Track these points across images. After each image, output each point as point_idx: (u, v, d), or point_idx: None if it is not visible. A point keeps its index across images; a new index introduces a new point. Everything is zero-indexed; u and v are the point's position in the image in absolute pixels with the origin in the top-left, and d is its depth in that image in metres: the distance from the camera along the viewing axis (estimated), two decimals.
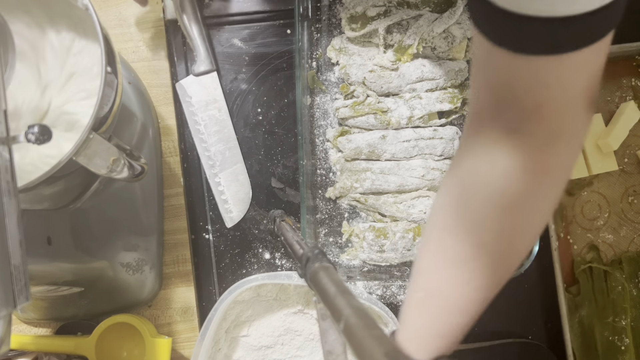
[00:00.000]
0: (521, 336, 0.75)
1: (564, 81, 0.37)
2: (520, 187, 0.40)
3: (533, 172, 0.40)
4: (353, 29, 0.73)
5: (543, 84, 0.37)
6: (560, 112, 0.38)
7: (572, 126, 0.39)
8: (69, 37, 0.59)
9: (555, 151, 0.40)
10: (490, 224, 0.42)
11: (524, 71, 0.37)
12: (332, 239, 0.74)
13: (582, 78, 0.37)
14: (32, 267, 0.54)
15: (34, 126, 0.41)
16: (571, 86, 0.37)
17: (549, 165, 0.40)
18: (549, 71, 0.36)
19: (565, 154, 0.41)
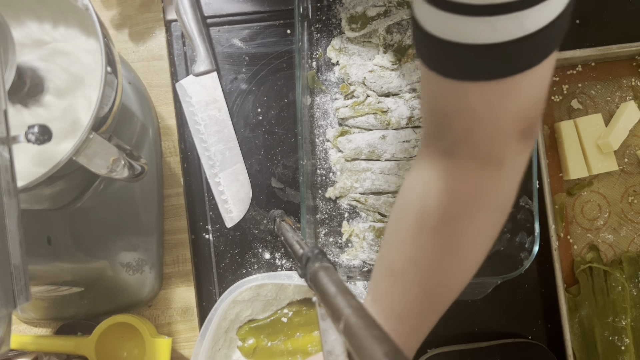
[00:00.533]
0: (521, 336, 0.75)
1: (491, 108, 0.37)
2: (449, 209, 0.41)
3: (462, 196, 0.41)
4: (353, 29, 0.73)
5: (471, 109, 0.38)
6: (489, 139, 0.39)
7: (502, 155, 0.39)
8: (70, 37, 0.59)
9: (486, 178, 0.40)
10: (420, 241, 0.43)
11: (453, 96, 0.38)
12: (332, 239, 0.74)
13: (510, 106, 0.37)
14: (32, 267, 0.54)
15: (34, 126, 0.41)
16: (498, 114, 0.37)
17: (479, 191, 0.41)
18: (475, 97, 0.37)
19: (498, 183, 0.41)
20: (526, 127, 0.38)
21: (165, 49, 0.78)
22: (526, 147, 0.40)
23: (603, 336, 0.72)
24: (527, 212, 0.66)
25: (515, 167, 0.41)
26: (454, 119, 0.39)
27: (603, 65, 0.76)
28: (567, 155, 0.73)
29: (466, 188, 0.41)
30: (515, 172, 0.42)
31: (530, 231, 0.65)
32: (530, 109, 0.38)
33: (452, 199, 0.41)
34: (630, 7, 0.77)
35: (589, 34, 0.77)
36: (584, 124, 0.73)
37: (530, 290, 0.75)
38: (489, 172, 0.40)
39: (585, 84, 0.76)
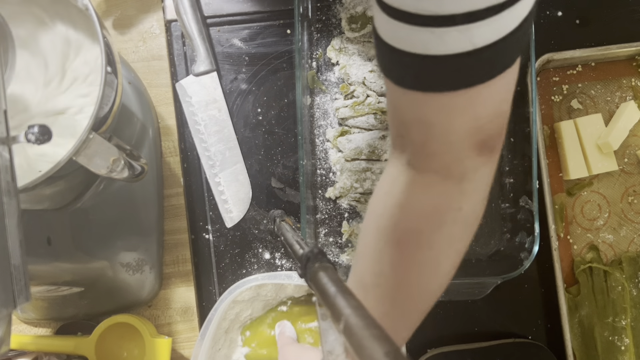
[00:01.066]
0: (521, 336, 0.75)
1: (443, 120, 0.37)
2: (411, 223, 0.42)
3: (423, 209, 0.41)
4: (353, 29, 0.73)
5: (425, 120, 0.38)
6: (445, 152, 0.39)
7: (460, 168, 0.39)
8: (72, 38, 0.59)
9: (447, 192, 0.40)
10: (385, 255, 0.43)
11: (408, 105, 0.38)
12: (332, 239, 0.74)
13: (463, 119, 0.37)
14: (32, 267, 0.54)
15: (34, 126, 0.41)
16: (452, 126, 0.37)
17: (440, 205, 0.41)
18: (428, 108, 0.37)
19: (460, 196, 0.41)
20: (483, 141, 0.38)
21: (165, 49, 0.78)
22: (486, 161, 0.40)
23: (603, 336, 0.72)
24: (527, 212, 0.66)
25: (478, 181, 0.41)
26: (410, 129, 0.39)
27: (603, 65, 0.76)
28: (567, 155, 0.73)
29: (427, 201, 0.41)
30: (479, 186, 0.41)
31: (530, 231, 0.65)
32: (487, 124, 0.38)
33: (413, 212, 0.42)
34: (630, 7, 0.77)
35: (589, 34, 0.77)
36: (584, 124, 0.73)
37: (530, 290, 0.75)
38: (449, 185, 0.40)
39: (585, 84, 0.76)
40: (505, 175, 0.72)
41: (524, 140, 0.67)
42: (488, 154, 0.39)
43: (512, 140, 0.71)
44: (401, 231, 0.42)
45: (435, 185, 0.41)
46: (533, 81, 0.65)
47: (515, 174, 0.70)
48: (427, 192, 0.41)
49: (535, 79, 0.65)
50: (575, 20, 0.77)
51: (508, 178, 0.72)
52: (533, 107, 0.65)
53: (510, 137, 0.71)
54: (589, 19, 0.77)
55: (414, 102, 0.37)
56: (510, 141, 0.71)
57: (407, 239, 0.42)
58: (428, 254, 0.42)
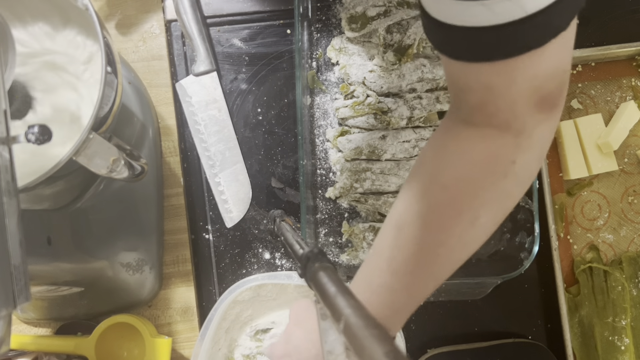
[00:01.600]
0: (521, 336, 0.75)
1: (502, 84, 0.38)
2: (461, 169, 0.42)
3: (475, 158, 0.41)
4: (353, 29, 0.73)
5: (483, 86, 0.38)
6: (505, 110, 0.39)
7: (520, 124, 0.40)
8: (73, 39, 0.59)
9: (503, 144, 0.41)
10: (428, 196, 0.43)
11: (465, 75, 0.39)
12: (332, 239, 0.74)
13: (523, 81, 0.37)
14: (32, 267, 0.54)
15: (34, 126, 0.41)
16: (511, 88, 0.38)
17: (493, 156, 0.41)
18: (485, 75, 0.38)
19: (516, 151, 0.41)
20: (543, 98, 0.39)
21: (165, 49, 0.78)
22: (547, 117, 0.40)
23: (603, 336, 0.72)
24: (527, 212, 0.66)
25: (536, 138, 0.41)
26: (469, 93, 0.40)
27: (603, 65, 0.76)
28: (567, 155, 0.73)
29: (483, 150, 0.41)
30: (536, 143, 0.41)
31: (530, 231, 0.65)
32: (546, 82, 0.38)
33: (467, 159, 0.42)
34: (630, 7, 0.77)
35: (589, 34, 0.77)
36: (584, 124, 0.73)
37: (530, 290, 0.75)
38: (506, 138, 0.40)
39: (585, 84, 0.76)
40: None
41: None
42: (549, 110, 0.40)
43: None
44: (450, 176, 0.42)
45: (492, 137, 0.41)
46: None
47: None
48: (483, 142, 0.41)
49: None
50: None
51: None
52: None
53: None
54: (589, 19, 0.77)
55: (470, 71, 0.38)
56: None
57: (455, 184, 0.42)
58: (472, 203, 0.42)
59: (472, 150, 0.42)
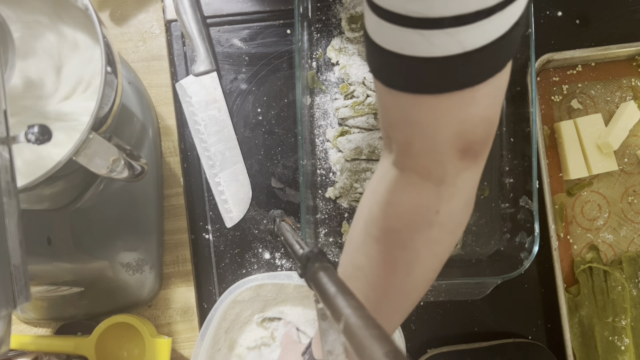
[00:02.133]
0: (521, 336, 0.75)
1: (428, 122, 0.37)
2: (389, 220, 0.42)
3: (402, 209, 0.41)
4: (353, 29, 0.73)
5: (410, 121, 0.38)
6: (427, 153, 0.39)
7: (441, 171, 0.39)
8: (73, 39, 0.59)
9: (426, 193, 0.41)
10: (365, 249, 0.44)
11: (396, 106, 0.38)
12: (332, 239, 0.74)
13: (448, 123, 0.37)
14: (32, 267, 0.54)
15: (34, 126, 0.41)
16: (436, 129, 0.37)
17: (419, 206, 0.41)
18: (414, 109, 0.37)
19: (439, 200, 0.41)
20: (466, 146, 0.38)
21: (165, 49, 0.78)
22: (469, 166, 0.40)
23: (603, 336, 0.72)
24: (527, 212, 0.66)
25: (460, 187, 0.41)
26: (396, 129, 0.40)
27: (603, 65, 0.76)
28: (567, 155, 0.73)
29: (406, 201, 0.41)
30: (460, 192, 0.41)
31: (530, 231, 0.65)
32: (472, 128, 0.37)
33: (393, 211, 0.42)
34: (630, 7, 0.77)
35: (589, 34, 0.77)
36: (584, 124, 0.73)
37: (530, 290, 0.75)
38: (428, 187, 0.40)
39: (585, 84, 0.76)
40: (505, 175, 0.72)
41: (524, 140, 0.67)
42: (471, 159, 0.39)
43: (512, 140, 0.71)
44: (380, 228, 0.43)
45: (414, 186, 0.41)
46: (533, 81, 0.65)
47: (515, 174, 0.70)
48: (406, 192, 0.41)
49: (535, 79, 0.65)
50: (575, 20, 0.77)
51: (508, 178, 0.72)
52: (533, 107, 0.65)
53: (510, 137, 0.71)
54: (589, 19, 0.77)
55: (401, 102, 0.38)
56: (510, 141, 0.71)
57: (385, 236, 0.43)
58: (403, 254, 0.43)
59: (398, 200, 0.42)
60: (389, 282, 0.44)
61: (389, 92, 0.38)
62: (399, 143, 0.40)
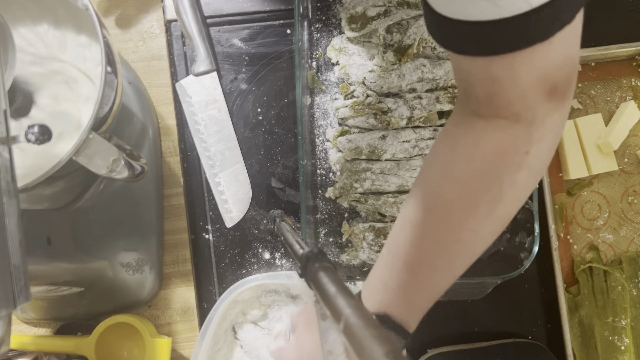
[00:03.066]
0: (521, 336, 0.75)
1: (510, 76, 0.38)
2: (474, 162, 0.41)
3: (488, 149, 0.41)
4: (353, 29, 0.73)
5: (491, 79, 0.38)
6: (514, 102, 0.39)
7: (530, 114, 0.40)
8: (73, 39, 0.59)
9: (514, 135, 0.40)
10: (443, 190, 0.43)
11: (472, 69, 0.39)
12: (332, 239, 0.74)
13: (530, 72, 0.37)
14: (32, 267, 0.54)
15: (34, 126, 0.41)
16: (520, 80, 0.38)
17: (506, 147, 0.41)
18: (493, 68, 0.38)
19: (528, 141, 0.41)
20: (553, 87, 0.38)
21: (165, 49, 0.78)
22: (557, 107, 0.40)
23: (603, 336, 0.72)
24: (527, 212, 0.66)
25: (548, 127, 0.41)
26: (477, 86, 0.40)
27: (603, 65, 0.76)
28: (567, 155, 0.73)
29: (492, 142, 0.41)
30: (548, 133, 0.41)
31: (530, 231, 0.65)
32: (554, 72, 0.38)
33: (479, 151, 0.41)
34: (630, 7, 0.77)
35: (589, 34, 0.76)
36: (584, 124, 0.73)
37: (530, 290, 0.75)
38: (517, 129, 0.40)
39: (585, 84, 0.76)
40: None
41: None
42: (559, 100, 0.40)
43: None
44: (462, 169, 0.42)
45: (503, 129, 0.40)
46: None
47: None
48: (494, 134, 0.41)
49: None
50: None
51: None
52: None
53: None
54: (589, 19, 0.76)
55: (477, 65, 0.38)
56: None
57: (467, 177, 0.42)
58: (485, 196, 0.42)
59: (484, 142, 0.41)
60: (467, 224, 0.42)
61: (462, 58, 0.38)
62: (480, 97, 0.40)
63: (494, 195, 0.42)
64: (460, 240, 0.43)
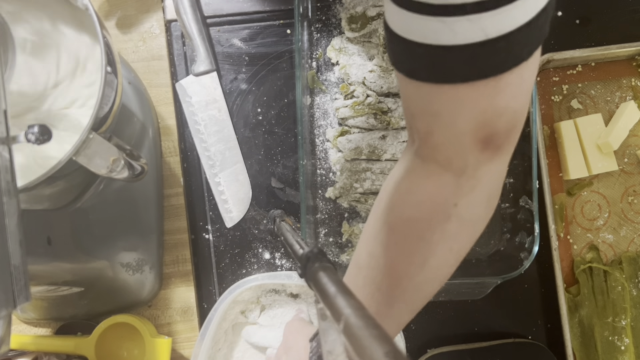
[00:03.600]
0: (521, 336, 0.75)
1: (450, 112, 0.37)
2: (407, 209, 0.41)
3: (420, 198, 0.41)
4: (353, 29, 0.73)
5: (432, 111, 0.37)
6: (448, 143, 0.38)
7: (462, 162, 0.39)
8: (72, 38, 0.59)
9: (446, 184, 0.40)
10: (380, 237, 0.43)
11: (417, 97, 0.38)
12: (332, 239, 0.74)
13: (471, 111, 0.36)
14: (32, 267, 0.54)
15: (34, 126, 0.41)
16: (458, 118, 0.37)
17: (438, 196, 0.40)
18: (436, 99, 0.36)
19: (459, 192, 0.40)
20: (488, 137, 0.37)
21: (165, 49, 0.78)
22: (491, 159, 0.39)
23: (603, 336, 0.72)
24: (527, 212, 0.66)
25: (481, 180, 0.40)
26: (418, 119, 0.39)
27: (603, 65, 0.76)
28: (567, 155, 0.73)
29: (424, 191, 0.41)
30: (480, 185, 0.40)
31: (530, 231, 0.65)
32: (494, 118, 0.37)
33: (411, 199, 0.41)
34: (630, 7, 0.77)
35: (589, 34, 0.77)
36: (584, 124, 0.73)
37: (530, 290, 0.75)
38: (447, 178, 0.40)
39: (585, 84, 0.76)
40: (506, 175, 0.72)
41: (524, 140, 0.67)
42: (493, 151, 0.38)
43: None
44: (398, 217, 0.42)
45: (434, 176, 0.40)
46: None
47: (515, 174, 0.70)
48: (425, 181, 0.41)
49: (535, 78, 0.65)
50: (575, 20, 0.77)
51: (508, 178, 0.72)
52: (533, 107, 0.65)
53: None
54: (589, 19, 0.77)
55: (423, 93, 0.37)
56: None
57: (402, 225, 0.42)
58: (419, 245, 0.42)
59: (416, 190, 0.41)
60: (403, 272, 0.43)
61: (411, 83, 0.37)
62: (420, 133, 0.40)
63: (425, 245, 0.42)
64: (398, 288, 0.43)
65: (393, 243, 0.43)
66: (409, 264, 0.42)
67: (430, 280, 0.44)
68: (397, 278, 0.43)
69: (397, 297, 0.44)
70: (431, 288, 0.45)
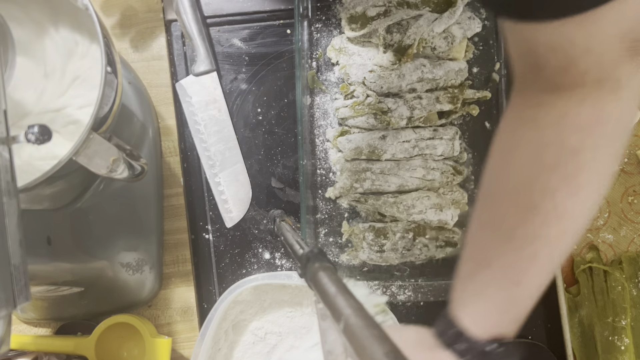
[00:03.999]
0: (521, 336, 0.75)
1: (587, 38, 0.35)
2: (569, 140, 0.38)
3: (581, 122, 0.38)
4: (353, 29, 0.73)
5: (566, 43, 0.35)
6: (595, 65, 0.36)
7: (614, 77, 0.37)
8: (72, 38, 0.59)
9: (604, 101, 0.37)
10: (539, 184, 0.39)
11: (542, 37, 0.36)
12: (332, 239, 0.74)
13: (609, 28, 0.34)
14: (32, 267, 0.54)
15: (34, 126, 0.41)
16: (597, 39, 0.35)
17: (599, 116, 0.38)
18: (567, 32, 0.35)
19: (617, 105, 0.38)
20: (635, 42, 0.35)
21: (165, 49, 0.78)
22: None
23: (603, 336, 0.72)
24: None
25: (633, 87, 0.37)
26: (550, 56, 0.37)
27: None
28: None
29: (584, 113, 0.37)
30: (633, 93, 0.38)
31: None
32: (636, 25, 0.35)
33: (570, 128, 0.38)
34: None
35: None
36: None
37: None
38: (605, 95, 0.37)
39: None
40: None
41: None
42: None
43: None
44: (557, 153, 0.38)
45: (589, 98, 0.37)
46: None
47: None
48: (581, 105, 0.37)
49: None
50: None
51: None
52: None
53: None
54: None
55: (548, 31, 0.35)
56: None
57: (565, 160, 0.38)
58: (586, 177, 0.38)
59: (575, 115, 0.38)
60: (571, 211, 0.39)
61: (530, 28, 0.36)
62: (556, 69, 0.37)
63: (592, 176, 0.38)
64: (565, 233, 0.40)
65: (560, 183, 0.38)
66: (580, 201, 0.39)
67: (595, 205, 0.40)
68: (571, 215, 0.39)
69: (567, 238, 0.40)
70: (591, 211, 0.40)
